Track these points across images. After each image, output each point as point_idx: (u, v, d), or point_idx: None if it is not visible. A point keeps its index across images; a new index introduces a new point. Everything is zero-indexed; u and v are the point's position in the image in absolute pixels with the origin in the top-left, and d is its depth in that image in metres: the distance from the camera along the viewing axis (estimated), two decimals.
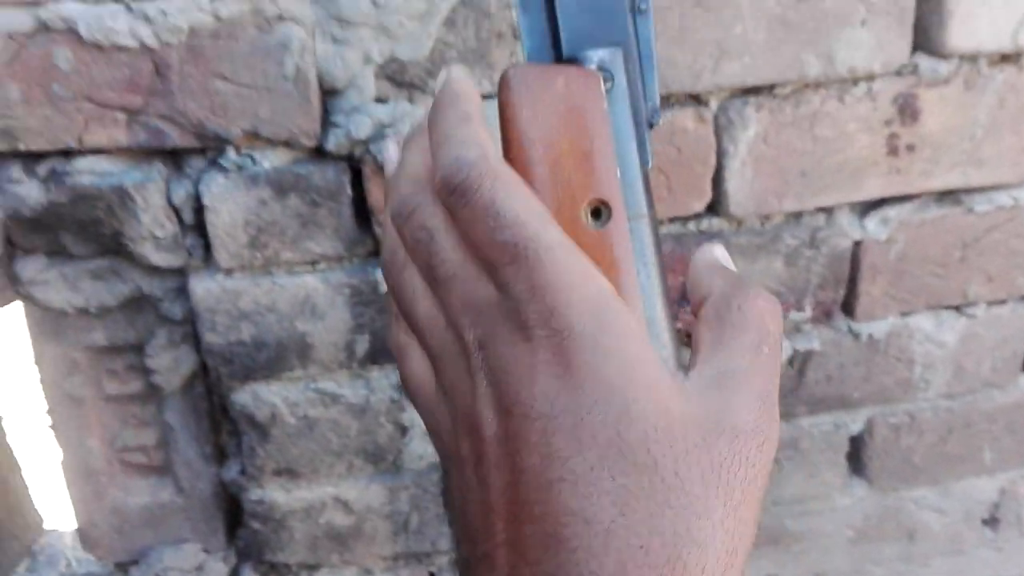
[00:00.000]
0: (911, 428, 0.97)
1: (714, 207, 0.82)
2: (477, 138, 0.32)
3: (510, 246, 0.29)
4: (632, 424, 0.27)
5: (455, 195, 0.30)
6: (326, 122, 0.72)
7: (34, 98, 0.67)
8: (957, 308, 0.92)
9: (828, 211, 0.85)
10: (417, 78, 0.72)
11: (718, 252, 0.36)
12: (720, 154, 0.79)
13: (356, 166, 0.74)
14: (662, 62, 0.74)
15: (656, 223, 0.48)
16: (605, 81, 0.45)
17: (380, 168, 0.73)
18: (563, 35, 0.45)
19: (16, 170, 0.70)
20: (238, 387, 0.81)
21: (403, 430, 0.85)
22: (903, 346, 0.92)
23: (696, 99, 0.78)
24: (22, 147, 0.68)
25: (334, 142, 0.72)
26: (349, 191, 0.74)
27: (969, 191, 0.86)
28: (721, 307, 0.32)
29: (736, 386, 0.29)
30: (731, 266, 0.35)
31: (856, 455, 0.98)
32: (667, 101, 0.77)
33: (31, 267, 0.76)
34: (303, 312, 0.78)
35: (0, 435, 0.94)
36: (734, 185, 0.80)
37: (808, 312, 0.88)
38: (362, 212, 0.76)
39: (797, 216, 0.84)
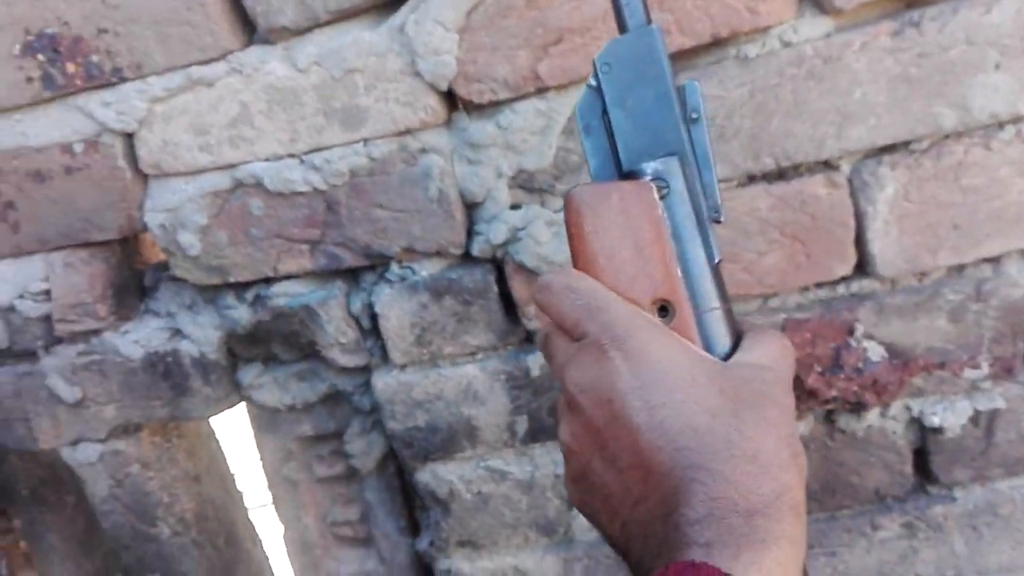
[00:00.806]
0: None
1: (862, 268, 0.81)
2: (551, 269, 0.52)
3: (585, 307, 0.45)
4: (676, 370, 0.43)
5: (543, 293, 0.48)
6: (471, 231, 0.81)
7: (237, 240, 0.82)
8: None
9: (994, 261, 0.80)
10: (545, 183, 0.79)
11: None
12: (859, 216, 0.78)
13: (500, 266, 0.82)
14: (780, 135, 0.76)
15: (730, 312, 0.51)
16: (660, 189, 0.50)
17: (519, 267, 0.80)
18: (621, 153, 0.51)
19: (230, 298, 0.86)
20: (420, 467, 0.91)
21: (569, 504, 0.91)
22: None
23: (826, 164, 0.78)
24: (232, 279, 0.84)
25: (478, 248, 0.81)
26: (495, 289, 0.82)
27: None
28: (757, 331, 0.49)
29: (757, 354, 0.46)
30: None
31: None
32: (795, 171, 0.78)
33: (250, 374, 0.91)
34: (467, 398, 0.87)
35: (244, 514, 1.11)
36: (879, 245, 0.79)
37: (985, 369, 0.82)
38: (509, 306, 0.84)
39: (959, 269, 0.80)
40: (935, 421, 0.85)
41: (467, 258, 0.83)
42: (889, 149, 0.77)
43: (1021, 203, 0.76)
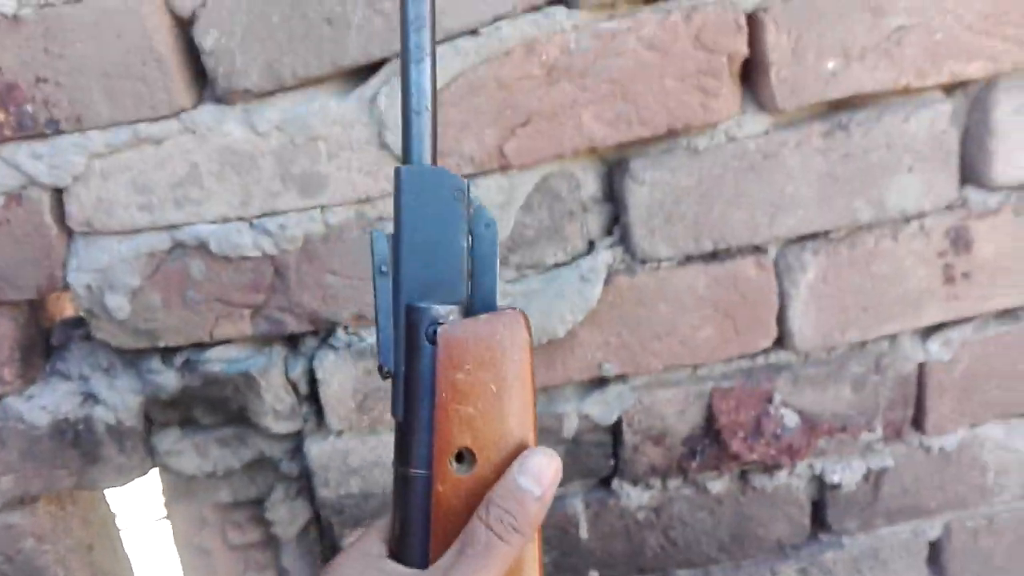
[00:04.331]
0: (989, 530, 0.99)
1: (781, 342, 0.88)
2: None
3: None
4: None
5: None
6: None
7: (172, 303, 0.77)
8: None
9: (891, 338, 0.89)
10: (501, 257, 0.80)
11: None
12: (782, 295, 0.85)
13: None
14: (720, 221, 0.81)
15: None
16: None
17: None
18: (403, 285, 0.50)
19: (155, 362, 0.80)
20: (348, 534, 0.89)
21: None
22: (975, 455, 0.95)
23: (756, 249, 0.84)
24: (161, 344, 0.78)
25: None
26: None
27: None
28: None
29: None
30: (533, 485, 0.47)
31: (936, 559, 1.01)
32: (727, 253, 0.84)
33: (167, 440, 0.85)
34: None
35: None
36: (798, 323, 0.86)
37: (879, 432, 0.92)
38: None
39: (861, 345, 0.89)
40: (835, 479, 0.93)
41: None
42: (812, 237, 0.84)
43: (919, 289, 0.86)
